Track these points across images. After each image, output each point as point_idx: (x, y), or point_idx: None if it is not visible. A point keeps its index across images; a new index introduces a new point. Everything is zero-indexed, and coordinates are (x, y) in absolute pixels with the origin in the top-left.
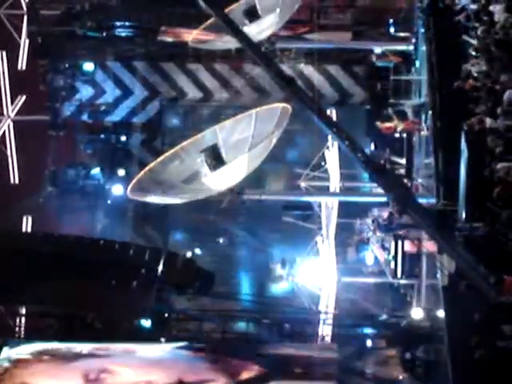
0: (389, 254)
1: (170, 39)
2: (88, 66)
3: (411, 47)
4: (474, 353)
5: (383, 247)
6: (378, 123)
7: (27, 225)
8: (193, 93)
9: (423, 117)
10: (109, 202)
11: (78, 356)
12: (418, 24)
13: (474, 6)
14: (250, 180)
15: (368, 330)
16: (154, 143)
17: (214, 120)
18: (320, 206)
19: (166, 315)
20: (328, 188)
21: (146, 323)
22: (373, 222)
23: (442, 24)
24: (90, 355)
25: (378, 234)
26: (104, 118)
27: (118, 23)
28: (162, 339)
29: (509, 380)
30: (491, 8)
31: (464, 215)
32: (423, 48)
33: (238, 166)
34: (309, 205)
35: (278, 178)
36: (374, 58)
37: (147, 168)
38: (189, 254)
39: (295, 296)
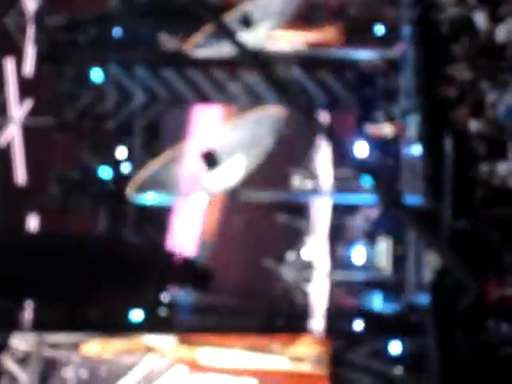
0: (377, 251)
1: (169, 45)
2: (96, 73)
3: (399, 54)
4: (459, 348)
5: (372, 245)
6: (368, 126)
7: (33, 223)
8: (190, 97)
9: (410, 120)
10: (112, 201)
11: None
12: (406, 32)
13: (458, 15)
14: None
15: (358, 324)
16: (154, 145)
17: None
18: (311, 205)
19: (165, 309)
20: (319, 188)
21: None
22: (362, 220)
23: (429, 32)
24: None
25: (368, 231)
26: (106, 122)
27: (120, 31)
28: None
29: (494, 375)
30: (475, 16)
31: (449, 214)
32: (411, 54)
33: (235, 168)
34: (300, 204)
35: (270, 178)
36: (363, 64)
37: (147, 169)
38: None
39: (287, 292)
